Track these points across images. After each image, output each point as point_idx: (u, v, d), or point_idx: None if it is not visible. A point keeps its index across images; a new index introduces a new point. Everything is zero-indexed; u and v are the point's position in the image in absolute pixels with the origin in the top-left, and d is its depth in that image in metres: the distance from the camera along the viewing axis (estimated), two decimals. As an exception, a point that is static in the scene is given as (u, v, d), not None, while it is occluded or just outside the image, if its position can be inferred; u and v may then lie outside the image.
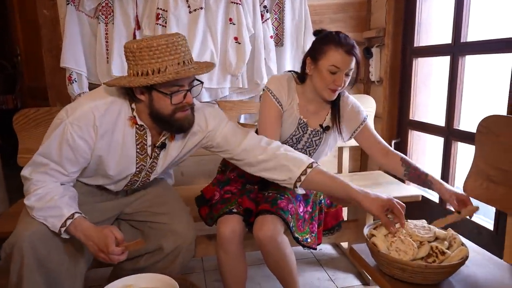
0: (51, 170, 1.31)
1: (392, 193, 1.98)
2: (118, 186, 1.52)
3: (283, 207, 1.51)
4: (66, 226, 1.26)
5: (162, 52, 1.24)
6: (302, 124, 1.66)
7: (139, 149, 1.42)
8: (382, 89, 2.47)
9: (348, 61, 1.49)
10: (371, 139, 1.68)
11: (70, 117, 1.28)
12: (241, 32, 2.27)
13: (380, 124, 2.49)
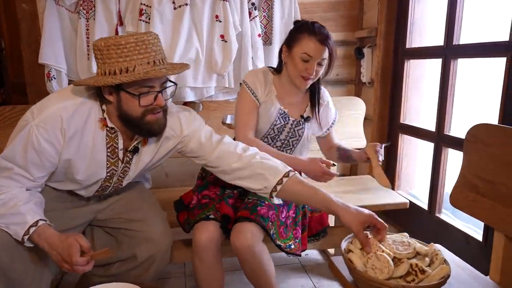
0: (15, 175, 1.23)
1: (379, 199, 1.92)
2: (89, 191, 1.45)
3: (263, 214, 1.45)
4: (29, 234, 1.18)
5: (131, 50, 1.17)
6: (283, 114, 1.65)
7: (110, 153, 1.35)
8: (373, 90, 2.40)
9: (320, 50, 1.50)
10: (329, 142, 1.79)
11: (36, 119, 1.21)
12: (227, 30, 2.19)
13: (370, 127, 2.43)
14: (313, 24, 1.54)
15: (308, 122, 1.67)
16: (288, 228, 1.56)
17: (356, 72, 2.57)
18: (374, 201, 1.89)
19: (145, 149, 1.41)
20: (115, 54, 1.17)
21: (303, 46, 1.50)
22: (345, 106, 2.27)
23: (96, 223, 1.55)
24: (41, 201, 1.30)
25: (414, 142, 2.30)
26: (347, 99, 2.32)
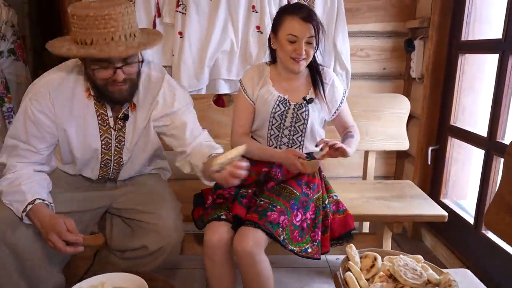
0: (22, 151, 1.33)
1: (413, 209, 1.75)
2: (94, 170, 1.50)
3: (272, 220, 1.39)
4: (26, 211, 1.27)
5: (90, 24, 1.17)
6: (282, 101, 1.58)
7: (100, 121, 1.41)
8: (422, 87, 2.18)
9: (305, 28, 1.45)
10: (343, 125, 1.72)
11: (29, 94, 1.32)
12: (263, 21, 2.11)
13: (417, 127, 2.21)
14: (293, 4, 1.54)
15: (311, 104, 1.58)
16: (305, 231, 1.49)
17: (406, 66, 2.35)
18: (407, 210, 1.73)
19: (138, 116, 1.44)
20: (77, 24, 1.19)
21: (286, 27, 1.47)
22: (387, 104, 2.10)
23: (114, 212, 1.60)
24: (46, 182, 1.37)
25: (467, 147, 2.06)
26: (389, 96, 2.13)
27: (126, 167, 1.55)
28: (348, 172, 2.46)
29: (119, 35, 1.20)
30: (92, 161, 1.48)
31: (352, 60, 2.27)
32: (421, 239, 2.28)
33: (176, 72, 2.16)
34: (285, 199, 1.48)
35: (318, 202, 1.57)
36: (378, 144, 2.10)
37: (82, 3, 1.24)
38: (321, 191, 1.61)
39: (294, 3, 1.57)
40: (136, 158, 1.54)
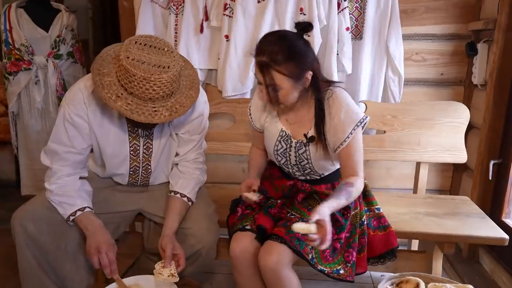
0: (64, 154, 1.41)
1: (468, 229, 1.58)
2: (124, 176, 1.56)
3: (300, 237, 1.31)
4: (75, 215, 1.38)
5: (135, 81, 1.24)
6: (284, 137, 1.46)
7: (130, 128, 1.46)
8: (485, 95, 1.99)
9: (259, 75, 1.31)
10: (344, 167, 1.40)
11: (66, 100, 1.42)
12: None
13: (478, 138, 2.02)
14: (261, 40, 1.31)
15: (313, 143, 1.40)
16: (337, 251, 1.39)
17: (467, 72, 2.16)
18: (461, 230, 1.57)
19: (164, 124, 1.48)
20: (123, 74, 1.27)
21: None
22: (443, 112, 1.94)
23: (148, 216, 1.61)
24: (90, 191, 1.45)
25: (535, 162, 1.84)
26: (445, 104, 1.97)
27: (155, 173, 1.58)
28: (398, 183, 2.31)
29: (157, 96, 1.28)
30: (122, 167, 1.53)
31: (406, 65, 2.12)
32: (478, 261, 2.08)
33: (221, 75, 2.15)
34: None
35: (355, 220, 1.45)
36: (431, 155, 1.95)
37: (136, 52, 1.26)
38: (359, 207, 1.48)
39: (264, 38, 1.31)
40: (163, 164, 1.58)
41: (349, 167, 1.36)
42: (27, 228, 1.35)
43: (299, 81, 1.30)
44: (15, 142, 2.50)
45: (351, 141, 1.34)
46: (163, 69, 1.26)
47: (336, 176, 1.50)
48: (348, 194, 1.30)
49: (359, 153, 1.36)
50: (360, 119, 1.34)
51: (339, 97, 1.36)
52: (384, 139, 1.96)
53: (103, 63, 1.33)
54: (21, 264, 1.38)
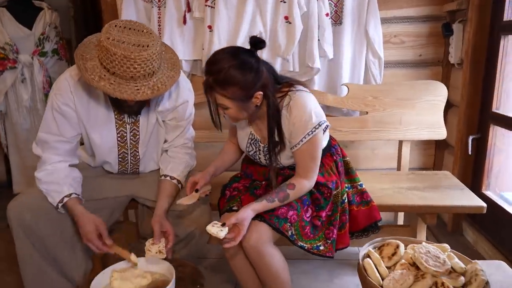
0: (54, 143, 1.45)
1: (448, 200, 1.66)
2: (113, 164, 1.60)
3: (279, 215, 1.36)
4: (63, 202, 1.41)
5: (115, 61, 1.27)
6: (253, 140, 1.50)
7: (116, 115, 1.52)
8: (462, 73, 2.06)
9: (205, 94, 1.32)
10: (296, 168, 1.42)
11: (54, 90, 1.46)
12: (292, 11, 2.09)
13: (457, 115, 2.10)
14: (210, 59, 1.29)
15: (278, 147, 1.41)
16: (318, 228, 1.45)
17: (444, 52, 2.23)
18: (442, 201, 1.64)
19: (150, 111, 1.53)
20: (105, 55, 1.29)
21: None
22: (422, 91, 2.01)
23: (141, 201, 1.65)
24: (79, 178, 1.49)
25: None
26: (424, 83, 2.04)
27: (144, 161, 1.63)
28: (384, 164, 2.38)
29: (139, 75, 1.30)
30: (110, 154, 1.57)
31: (386, 48, 2.19)
32: (462, 233, 2.16)
33: (206, 65, 2.19)
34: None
35: (336, 199, 1.49)
36: (412, 133, 2.02)
37: (116, 33, 1.30)
38: (340, 187, 1.52)
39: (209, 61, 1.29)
40: (152, 151, 1.63)
41: (301, 168, 1.39)
42: (24, 218, 1.39)
43: (247, 102, 1.30)
44: (4, 141, 2.51)
45: (305, 145, 1.35)
46: (143, 47, 1.28)
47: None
48: (285, 196, 1.35)
49: (312, 158, 1.38)
50: (312, 127, 1.33)
51: (296, 103, 1.34)
52: (367, 120, 2.02)
53: (86, 49, 1.37)
54: (20, 253, 1.42)
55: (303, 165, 1.38)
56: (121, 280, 1.34)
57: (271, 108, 1.31)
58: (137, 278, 1.36)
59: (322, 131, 1.38)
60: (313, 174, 1.40)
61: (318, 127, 1.35)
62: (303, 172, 1.38)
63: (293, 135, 1.35)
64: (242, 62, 1.25)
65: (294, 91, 1.36)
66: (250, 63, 1.26)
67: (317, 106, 1.38)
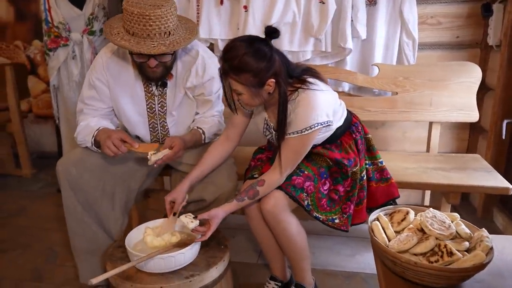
0: (87, 110, 1.65)
1: (472, 180, 1.65)
2: (145, 135, 1.73)
3: (296, 184, 1.43)
4: (94, 136, 1.56)
5: (133, 20, 1.42)
6: (268, 126, 1.53)
7: (146, 88, 1.65)
8: (499, 55, 2.01)
9: (221, 79, 1.37)
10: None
11: (91, 66, 1.66)
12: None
13: (492, 99, 2.05)
14: (226, 46, 1.32)
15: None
16: (335, 202, 1.50)
17: (483, 34, 2.17)
18: (466, 181, 1.64)
19: (177, 85, 1.65)
20: (125, 17, 1.45)
21: None
22: (455, 73, 1.98)
23: (175, 166, 1.78)
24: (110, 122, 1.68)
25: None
26: (457, 65, 2.00)
27: (173, 130, 1.74)
28: (415, 147, 2.37)
29: (155, 33, 1.44)
30: (141, 125, 1.71)
31: (421, 29, 2.17)
32: (492, 220, 2.13)
33: (240, 44, 2.27)
34: (315, 166, 1.49)
35: (355, 176, 1.52)
36: (443, 115, 2.00)
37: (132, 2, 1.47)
38: (359, 164, 1.53)
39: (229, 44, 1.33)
40: (181, 123, 1.75)
41: (280, 158, 1.40)
42: (70, 172, 1.56)
43: (259, 89, 1.33)
44: (56, 114, 2.74)
45: (295, 139, 1.37)
46: (157, 6, 1.44)
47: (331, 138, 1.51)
48: (255, 193, 1.42)
49: (295, 153, 1.40)
50: (307, 126, 1.35)
51: (303, 101, 1.36)
52: (397, 100, 2.03)
53: (114, 20, 1.57)
54: (66, 205, 1.59)
55: (284, 156, 1.39)
56: (153, 236, 1.47)
57: (281, 96, 1.36)
58: (167, 235, 1.48)
59: (318, 132, 1.39)
60: (288, 169, 1.42)
61: (314, 127, 1.36)
62: (279, 164, 1.40)
63: (290, 125, 1.38)
64: (256, 50, 1.29)
65: (305, 89, 1.38)
66: (264, 51, 1.29)
67: (323, 106, 1.38)
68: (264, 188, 1.42)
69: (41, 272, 1.94)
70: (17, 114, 2.96)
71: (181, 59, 1.66)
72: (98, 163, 1.62)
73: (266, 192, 1.43)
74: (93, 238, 1.62)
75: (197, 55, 1.66)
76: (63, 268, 1.95)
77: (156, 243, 1.45)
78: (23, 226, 2.38)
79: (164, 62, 1.54)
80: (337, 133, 1.52)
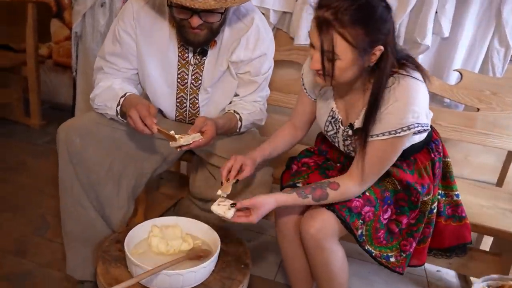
0: (108, 69, 1.35)
1: None
2: (170, 110, 1.44)
3: (352, 208, 1.12)
4: (120, 104, 1.26)
5: None
6: (334, 119, 1.21)
7: (180, 53, 1.36)
8: None
9: (314, 34, 1.00)
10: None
11: (118, 15, 1.35)
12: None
13: None
14: None
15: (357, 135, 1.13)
16: (394, 236, 1.19)
17: None
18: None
19: (219, 56, 1.36)
20: None
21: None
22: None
23: (198, 152, 1.47)
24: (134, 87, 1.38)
25: None
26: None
27: (204, 111, 1.44)
28: (476, 174, 2.01)
29: None
30: (167, 98, 1.41)
31: (520, 36, 1.77)
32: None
33: (296, 19, 1.92)
34: (379, 188, 1.17)
35: (425, 207, 1.20)
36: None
37: None
38: (432, 192, 1.22)
39: None
40: (215, 103, 1.44)
41: (360, 164, 1.09)
42: (73, 142, 1.27)
43: (364, 55, 1.00)
44: (74, 65, 2.46)
45: (383, 142, 1.07)
46: None
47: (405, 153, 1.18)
48: (322, 195, 1.10)
49: (381, 161, 1.10)
50: (403, 126, 1.03)
51: (401, 90, 1.03)
52: (475, 118, 1.66)
53: None
54: (62, 180, 1.30)
55: (367, 163, 1.09)
56: (161, 239, 1.19)
57: (381, 75, 1.02)
58: (178, 240, 1.20)
59: (412, 135, 1.09)
60: (369, 181, 1.13)
61: (410, 128, 1.04)
62: (359, 172, 1.10)
63: (378, 123, 1.06)
64: (373, 2, 0.97)
65: (405, 75, 1.05)
66: (382, 7, 0.98)
67: (424, 104, 1.06)
68: (336, 194, 1.11)
69: (27, 245, 1.68)
70: (33, 58, 2.69)
71: (231, 24, 1.33)
72: (108, 136, 1.32)
73: (336, 200, 1.12)
74: (89, 225, 1.33)
75: (252, 22, 1.34)
76: (52, 244, 1.69)
77: (162, 248, 1.17)
78: (19, 184, 2.12)
79: (211, 23, 1.22)
80: (414, 148, 1.19)
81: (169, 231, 1.23)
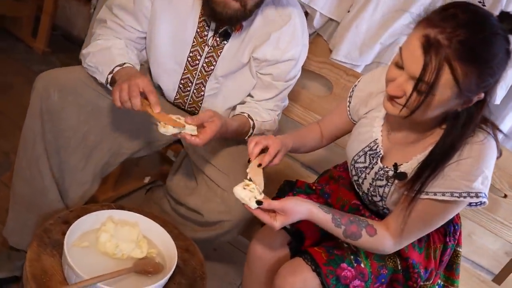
0: (112, 24, 1.17)
1: None
2: (171, 90, 1.25)
3: (341, 277, 0.95)
4: (113, 73, 1.07)
5: None
6: (373, 152, 1.01)
7: (199, 29, 1.18)
8: None
9: (415, 58, 0.78)
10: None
11: None
12: None
13: None
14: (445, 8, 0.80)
15: (402, 181, 0.93)
16: None
17: None
18: None
19: (242, 45, 1.18)
20: None
21: (405, 42, 0.83)
22: None
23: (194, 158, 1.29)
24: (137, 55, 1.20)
25: None
26: None
27: (208, 101, 1.26)
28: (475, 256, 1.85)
29: None
30: (171, 75, 1.23)
31: None
32: None
33: (341, 32, 1.71)
34: (378, 261, 1.01)
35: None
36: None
37: None
38: (432, 280, 1.07)
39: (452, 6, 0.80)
40: (223, 97, 1.26)
41: (401, 222, 0.91)
42: (50, 96, 1.09)
43: (463, 97, 0.81)
44: (94, 1, 2.26)
45: (435, 203, 0.88)
46: None
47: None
48: (356, 235, 0.92)
49: (425, 223, 0.92)
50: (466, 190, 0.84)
51: (481, 149, 0.85)
52: (499, 204, 1.47)
53: None
54: (24, 134, 1.12)
55: (408, 222, 0.91)
56: (111, 237, 1.02)
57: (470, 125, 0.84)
58: (130, 243, 1.04)
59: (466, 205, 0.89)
60: (406, 242, 0.95)
61: (478, 196, 0.85)
62: (398, 227, 0.92)
63: (441, 179, 0.87)
64: (494, 36, 0.78)
65: (488, 133, 0.86)
66: (503, 43, 0.79)
67: (491, 172, 0.88)
68: (368, 241, 0.93)
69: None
70: (54, -23, 2.48)
71: (265, 12, 1.14)
72: (92, 102, 1.14)
73: (365, 248, 0.95)
74: (40, 193, 1.15)
75: (289, 18, 1.16)
76: (5, 189, 1.52)
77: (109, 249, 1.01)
78: (-3, 109, 1.95)
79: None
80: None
81: (125, 230, 1.05)
